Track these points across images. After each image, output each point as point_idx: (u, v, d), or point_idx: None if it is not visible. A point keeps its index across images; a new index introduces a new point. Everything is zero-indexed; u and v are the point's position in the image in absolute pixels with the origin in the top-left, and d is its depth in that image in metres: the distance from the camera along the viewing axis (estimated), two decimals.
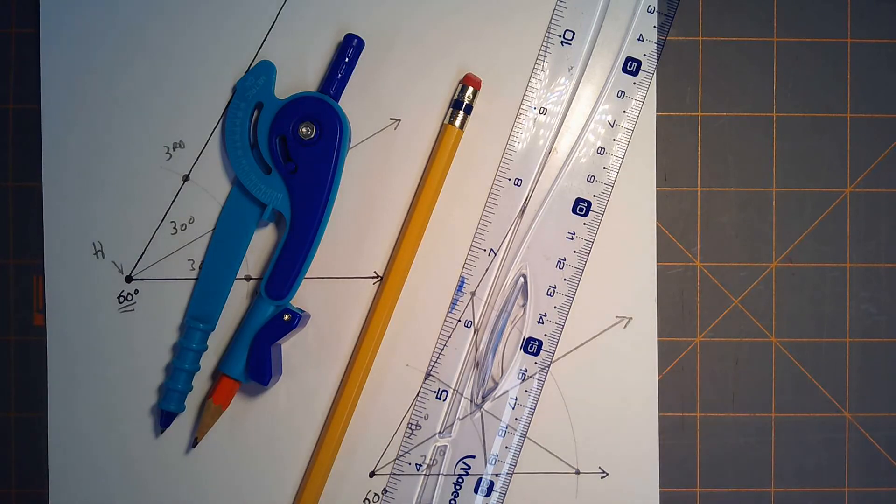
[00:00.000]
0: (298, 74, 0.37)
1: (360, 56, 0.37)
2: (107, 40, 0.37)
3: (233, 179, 0.37)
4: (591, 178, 0.38)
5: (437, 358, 0.38)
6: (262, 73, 0.36)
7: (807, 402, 0.39)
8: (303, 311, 0.36)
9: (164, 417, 0.37)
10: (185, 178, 0.38)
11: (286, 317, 0.35)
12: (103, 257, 0.37)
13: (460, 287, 0.38)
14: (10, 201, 0.38)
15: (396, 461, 0.38)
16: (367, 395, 0.37)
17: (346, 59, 0.36)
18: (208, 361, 0.37)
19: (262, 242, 0.38)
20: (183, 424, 0.37)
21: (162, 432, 0.37)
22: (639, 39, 0.38)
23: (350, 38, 0.36)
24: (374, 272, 0.38)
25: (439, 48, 0.38)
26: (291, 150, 0.36)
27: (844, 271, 0.39)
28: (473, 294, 0.38)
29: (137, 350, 0.37)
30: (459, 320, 0.38)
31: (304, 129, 0.36)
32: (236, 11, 0.38)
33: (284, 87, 0.37)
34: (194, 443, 0.37)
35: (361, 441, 0.38)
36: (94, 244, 0.37)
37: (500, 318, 0.38)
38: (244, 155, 0.36)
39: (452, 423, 0.38)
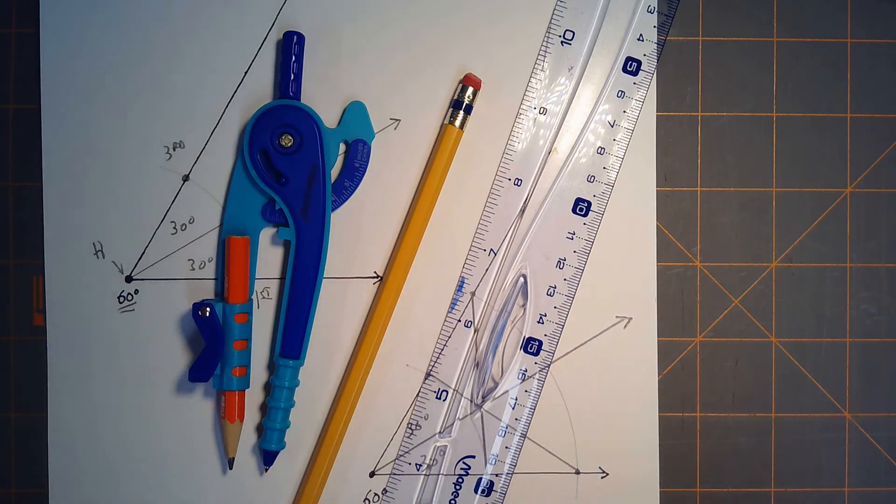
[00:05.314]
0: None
1: (360, 56, 0.37)
2: (107, 40, 0.37)
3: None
4: (591, 178, 0.38)
5: (437, 358, 0.38)
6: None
7: (807, 402, 0.39)
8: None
9: (266, 456, 0.37)
10: (185, 178, 0.38)
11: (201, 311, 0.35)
12: (103, 257, 0.37)
13: (460, 287, 0.38)
14: (10, 201, 0.38)
15: (396, 461, 0.38)
16: (367, 395, 0.37)
17: (294, 57, 0.36)
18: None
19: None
20: (181, 423, 0.37)
21: (266, 471, 0.37)
22: (639, 39, 0.38)
23: (290, 35, 0.36)
24: (374, 272, 0.38)
25: (439, 48, 0.38)
26: (276, 163, 0.36)
27: (844, 271, 0.39)
28: (473, 294, 0.38)
29: (137, 350, 0.37)
30: (459, 320, 0.38)
31: (283, 140, 0.36)
32: (236, 12, 0.38)
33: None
34: (231, 463, 0.37)
35: (361, 441, 0.38)
36: (94, 244, 0.37)
37: (500, 318, 0.38)
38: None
39: (452, 423, 0.38)
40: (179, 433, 0.37)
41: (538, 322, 0.38)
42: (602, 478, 0.38)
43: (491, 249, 0.38)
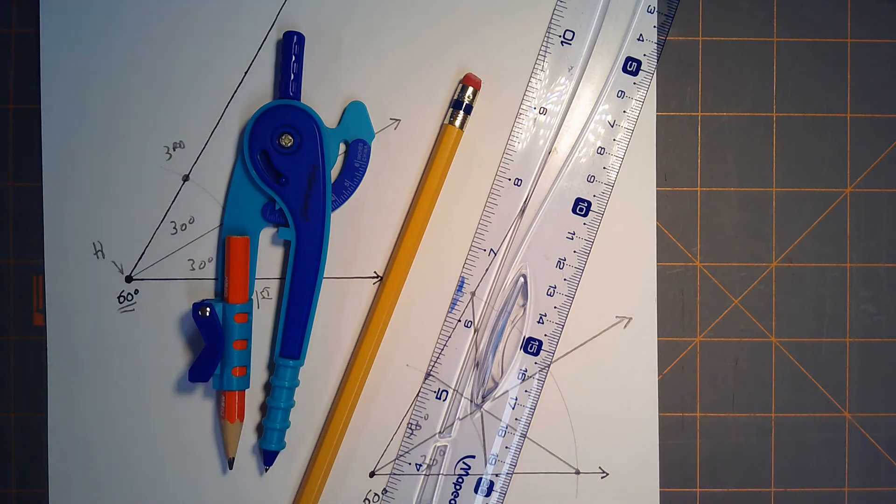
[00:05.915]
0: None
1: (360, 56, 0.37)
2: (107, 40, 0.37)
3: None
4: (591, 178, 0.38)
5: (437, 358, 0.38)
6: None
7: (807, 402, 0.39)
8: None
9: (266, 456, 0.37)
10: (185, 178, 0.38)
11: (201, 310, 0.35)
12: (103, 257, 0.37)
13: (460, 287, 0.38)
14: (10, 201, 0.38)
15: (396, 461, 0.38)
16: (367, 395, 0.37)
17: (294, 57, 0.36)
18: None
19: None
20: (181, 423, 0.37)
21: (266, 471, 0.37)
22: (639, 39, 0.38)
23: (290, 35, 0.36)
24: (374, 272, 0.38)
25: (439, 48, 0.38)
26: (276, 163, 0.36)
27: (844, 271, 0.39)
28: (473, 294, 0.38)
29: (137, 350, 0.37)
30: (459, 320, 0.38)
31: (283, 140, 0.36)
32: (236, 12, 0.38)
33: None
34: (231, 463, 0.37)
35: (361, 441, 0.38)
36: (94, 244, 0.37)
37: (500, 318, 0.38)
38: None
39: (452, 423, 0.38)
40: (179, 433, 0.37)
41: (538, 322, 0.38)
42: (602, 478, 0.38)
43: (491, 249, 0.38)
